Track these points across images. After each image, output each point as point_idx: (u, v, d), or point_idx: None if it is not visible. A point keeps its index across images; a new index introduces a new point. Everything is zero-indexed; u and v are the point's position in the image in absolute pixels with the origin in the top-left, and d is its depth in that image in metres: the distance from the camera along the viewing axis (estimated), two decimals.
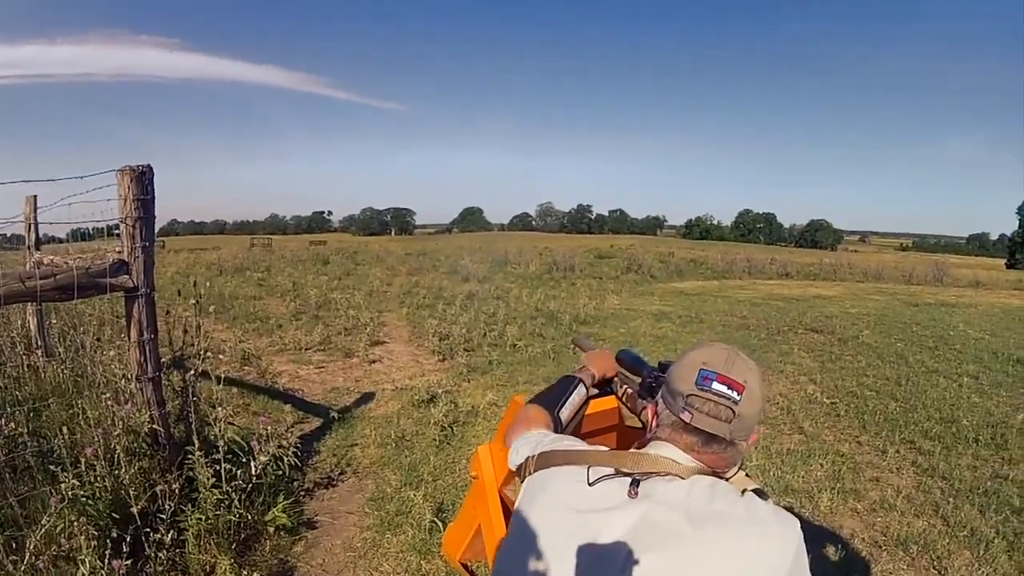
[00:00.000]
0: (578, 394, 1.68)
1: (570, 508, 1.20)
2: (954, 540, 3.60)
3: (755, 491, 1.20)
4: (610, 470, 1.21)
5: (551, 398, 1.65)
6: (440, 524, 3.52)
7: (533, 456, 1.36)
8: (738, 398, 1.17)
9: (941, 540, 3.58)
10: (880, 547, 3.56)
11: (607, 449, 1.33)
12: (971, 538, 3.62)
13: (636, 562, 1.09)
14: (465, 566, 2.31)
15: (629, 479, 1.18)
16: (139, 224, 3.10)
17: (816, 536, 3.64)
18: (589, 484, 1.20)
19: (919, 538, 3.61)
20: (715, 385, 1.18)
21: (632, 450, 1.29)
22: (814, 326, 10.35)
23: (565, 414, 1.62)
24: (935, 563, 3.40)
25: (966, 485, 4.27)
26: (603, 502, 1.17)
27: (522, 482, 1.37)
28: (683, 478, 1.17)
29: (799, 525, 1.13)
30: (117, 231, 3.17)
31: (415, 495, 3.91)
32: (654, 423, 1.31)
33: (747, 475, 1.27)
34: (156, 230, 3.34)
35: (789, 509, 3.80)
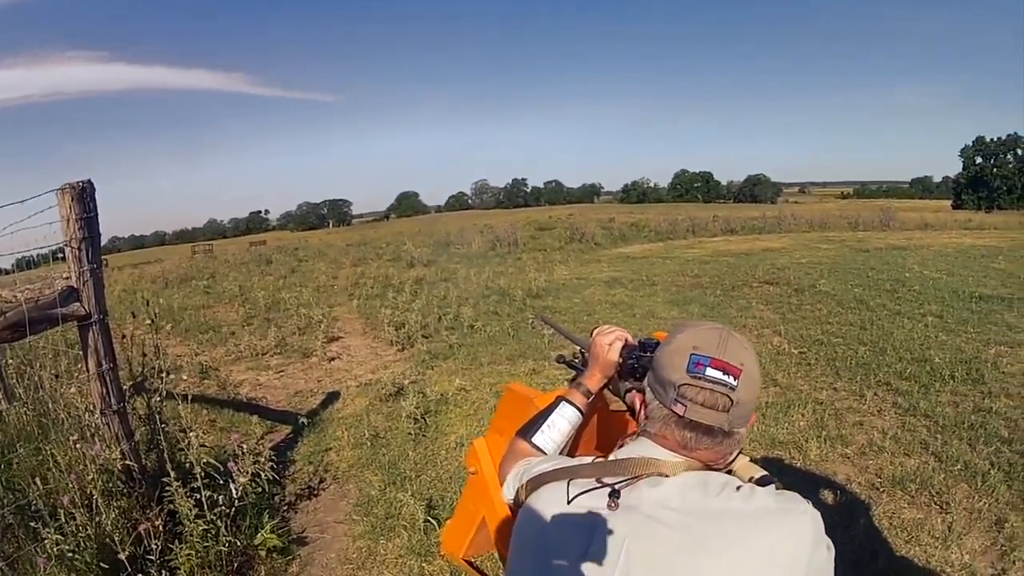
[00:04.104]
0: (561, 415, 1.51)
1: (555, 532, 1.11)
2: (950, 475, 3.64)
3: (759, 480, 1.12)
4: (591, 482, 1.13)
5: (530, 425, 1.52)
6: (435, 522, 3.43)
7: (522, 485, 1.28)
8: (735, 383, 1.07)
9: (937, 476, 3.62)
10: (878, 489, 3.59)
11: (592, 459, 1.22)
12: (966, 471, 3.66)
13: None
14: (470, 563, 2.26)
15: (608, 489, 1.09)
16: (85, 244, 2.92)
17: (812, 484, 3.67)
18: (568, 502, 1.11)
19: (915, 476, 3.65)
20: (709, 371, 1.07)
21: (614, 453, 1.20)
22: (768, 279, 10.42)
23: (542, 440, 1.48)
24: (935, 498, 3.43)
25: (950, 421, 4.31)
26: (585, 520, 1.08)
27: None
28: (668, 476, 1.09)
29: (811, 510, 1.03)
30: (62, 255, 2.99)
31: (402, 495, 3.81)
32: (643, 415, 1.21)
33: (751, 460, 1.19)
34: None
35: (779, 461, 3.86)
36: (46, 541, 2.67)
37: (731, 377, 1.07)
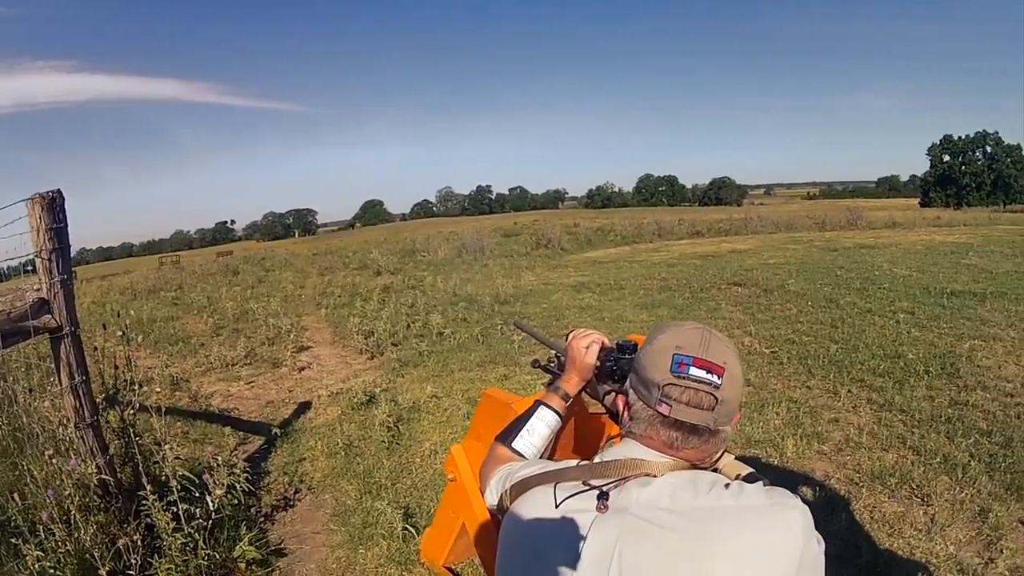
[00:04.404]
0: (540, 419, 1.50)
1: (543, 536, 1.11)
2: (929, 468, 3.66)
3: (747, 477, 1.12)
4: (578, 485, 1.12)
5: (510, 430, 1.51)
6: (413, 530, 3.40)
7: (506, 490, 1.27)
8: (719, 382, 1.07)
9: (916, 469, 3.64)
10: (857, 484, 3.61)
11: (577, 463, 1.22)
12: (945, 464, 3.69)
13: None
14: (450, 569, 2.24)
15: (596, 492, 1.08)
16: (55, 256, 2.85)
17: (790, 481, 3.67)
18: (556, 506, 1.10)
19: (893, 470, 3.67)
20: (693, 371, 1.07)
21: (600, 455, 1.20)
22: (736, 280, 10.44)
23: (522, 444, 1.46)
24: (916, 492, 3.46)
25: (926, 415, 4.35)
26: (574, 523, 1.07)
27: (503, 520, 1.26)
28: (656, 476, 1.08)
29: (800, 505, 1.02)
30: (30, 268, 2.93)
31: (379, 504, 3.77)
32: (626, 416, 1.20)
33: (736, 458, 1.19)
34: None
35: (756, 460, 3.87)
36: (27, 557, 2.62)
37: (715, 376, 1.07)
